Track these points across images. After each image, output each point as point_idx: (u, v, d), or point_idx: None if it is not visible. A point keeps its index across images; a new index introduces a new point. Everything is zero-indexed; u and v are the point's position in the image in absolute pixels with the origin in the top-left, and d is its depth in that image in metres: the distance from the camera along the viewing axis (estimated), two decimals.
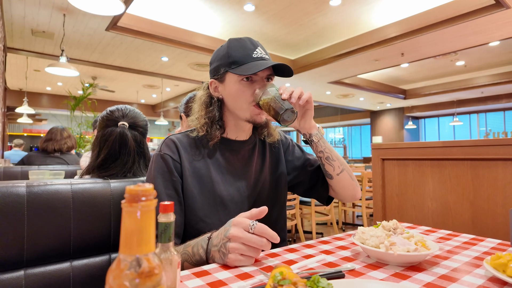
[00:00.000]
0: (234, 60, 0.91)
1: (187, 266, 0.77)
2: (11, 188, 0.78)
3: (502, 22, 4.68)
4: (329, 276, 0.60)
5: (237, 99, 0.93)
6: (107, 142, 1.12)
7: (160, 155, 0.92)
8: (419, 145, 1.68)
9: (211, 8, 4.75)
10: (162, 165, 0.90)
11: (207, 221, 0.90)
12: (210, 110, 0.97)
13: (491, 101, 10.53)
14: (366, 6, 4.65)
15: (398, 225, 0.78)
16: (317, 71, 7.15)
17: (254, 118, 0.94)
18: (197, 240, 0.76)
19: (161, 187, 0.88)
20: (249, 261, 0.67)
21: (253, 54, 0.92)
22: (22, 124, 12.31)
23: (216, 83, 0.98)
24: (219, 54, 0.96)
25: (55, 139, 2.85)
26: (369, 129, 14.38)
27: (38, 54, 6.17)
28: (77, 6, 3.06)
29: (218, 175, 0.95)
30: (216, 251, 0.69)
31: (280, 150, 1.11)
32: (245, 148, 1.02)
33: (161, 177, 0.89)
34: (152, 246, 0.32)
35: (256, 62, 0.90)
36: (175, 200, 0.88)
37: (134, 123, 1.18)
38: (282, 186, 1.07)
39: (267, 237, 0.67)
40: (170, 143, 0.94)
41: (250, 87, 0.91)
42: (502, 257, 0.58)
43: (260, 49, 0.94)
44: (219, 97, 0.98)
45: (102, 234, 0.91)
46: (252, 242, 0.66)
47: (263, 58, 0.93)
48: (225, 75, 0.94)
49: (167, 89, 9.96)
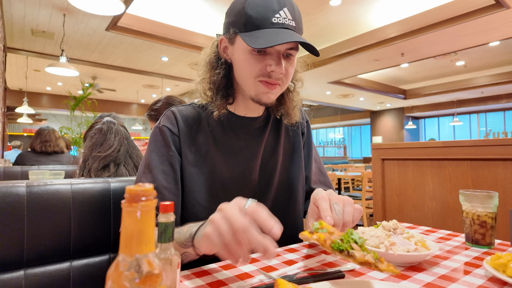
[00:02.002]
0: (247, 21, 0.73)
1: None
2: (11, 188, 0.78)
3: (502, 22, 4.68)
4: (329, 276, 0.60)
5: (242, 71, 0.78)
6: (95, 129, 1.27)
7: (158, 127, 0.82)
8: (419, 145, 1.68)
9: (211, 8, 4.75)
10: (159, 138, 0.81)
11: (205, 205, 0.80)
12: (215, 73, 0.82)
13: (491, 101, 10.53)
14: (366, 6, 4.65)
15: (398, 225, 0.78)
16: (317, 71, 7.15)
17: (259, 97, 0.78)
18: (199, 223, 0.60)
19: (156, 162, 0.78)
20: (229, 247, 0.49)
21: (273, 18, 0.72)
22: (22, 124, 12.30)
23: (226, 42, 0.82)
24: (235, 8, 0.77)
25: (50, 139, 2.85)
26: (369, 129, 14.38)
27: (38, 54, 6.17)
28: (77, 6, 3.06)
29: (220, 154, 0.83)
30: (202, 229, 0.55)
31: (298, 135, 0.96)
32: (255, 125, 0.88)
33: (156, 151, 0.80)
34: (152, 246, 0.32)
35: (274, 30, 0.71)
36: (171, 177, 0.79)
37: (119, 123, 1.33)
38: (299, 171, 0.93)
39: (259, 220, 0.49)
40: (170, 115, 0.84)
41: (260, 60, 0.75)
42: (502, 257, 0.58)
43: (285, 11, 0.73)
44: (228, 60, 0.83)
45: (102, 234, 0.91)
46: (234, 219, 0.48)
47: (285, 25, 0.72)
48: (235, 37, 0.78)
49: (167, 89, 9.96)
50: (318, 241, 0.49)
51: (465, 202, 0.83)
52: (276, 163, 0.90)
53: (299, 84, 0.93)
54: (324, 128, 17.44)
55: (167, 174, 0.78)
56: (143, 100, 12.01)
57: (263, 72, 0.76)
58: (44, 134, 2.85)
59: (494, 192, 0.81)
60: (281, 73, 0.75)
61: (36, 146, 2.82)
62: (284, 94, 0.89)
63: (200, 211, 0.80)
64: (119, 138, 1.26)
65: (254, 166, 0.86)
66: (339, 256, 0.50)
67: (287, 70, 0.77)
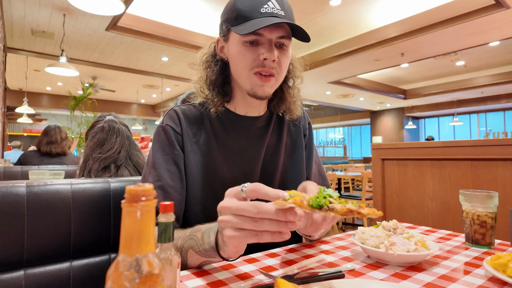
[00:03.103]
0: (238, 14, 0.75)
1: (192, 255, 0.63)
2: (11, 188, 0.78)
3: (502, 22, 4.68)
4: (329, 276, 0.60)
5: (237, 63, 0.79)
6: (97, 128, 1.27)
7: (161, 126, 0.83)
8: (419, 145, 1.68)
9: (211, 8, 4.75)
10: (163, 138, 0.81)
11: (206, 205, 0.80)
12: (211, 71, 0.84)
13: (491, 101, 10.54)
14: (366, 6, 4.65)
15: (398, 225, 0.78)
16: (317, 71, 7.15)
17: (255, 91, 0.78)
18: (210, 225, 0.62)
19: (161, 161, 0.78)
20: (250, 237, 0.50)
21: (262, 8, 0.73)
22: (22, 124, 12.31)
23: (222, 42, 0.84)
24: (227, 6, 0.80)
25: (56, 141, 2.83)
26: (369, 129, 14.39)
27: (38, 54, 6.18)
28: (77, 6, 3.07)
29: (222, 154, 0.83)
30: (220, 239, 0.56)
31: (300, 130, 0.96)
32: (256, 125, 0.88)
33: (161, 150, 0.80)
34: (152, 246, 0.32)
35: (261, 19, 0.72)
36: (176, 176, 0.79)
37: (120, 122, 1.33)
38: (300, 171, 0.93)
39: (262, 196, 0.50)
40: (173, 114, 0.84)
41: (253, 51, 0.76)
42: (502, 257, 0.58)
43: (274, 2, 0.74)
44: (224, 59, 0.84)
45: (102, 234, 0.91)
46: (243, 210, 0.50)
47: (274, 14, 0.73)
48: (229, 34, 0.80)
49: (167, 89, 9.97)
50: (295, 203, 0.46)
51: (465, 202, 0.83)
52: (277, 163, 0.90)
53: (299, 80, 0.94)
54: (324, 128, 17.44)
55: (172, 172, 0.78)
56: (143, 100, 12.02)
57: (257, 63, 0.76)
58: (50, 134, 2.84)
59: (494, 192, 0.81)
60: (274, 60, 0.75)
61: (42, 147, 2.82)
62: (284, 90, 0.89)
63: (200, 210, 0.80)
64: (120, 139, 1.26)
65: (256, 166, 0.86)
66: (320, 213, 0.48)
67: (280, 59, 0.78)
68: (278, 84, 0.83)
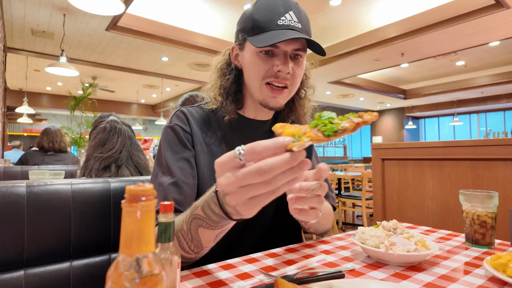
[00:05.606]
0: (254, 25, 0.76)
1: (203, 233, 0.57)
2: (11, 188, 0.78)
3: (502, 22, 4.68)
4: (329, 276, 0.60)
5: (250, 73, 0.80)
6: (99, 128, 1.28)
7: (169, 126, 0.82)
8: (419, 145, 1.68)
9: (211, 8, 4.75)
10: (172, 137, 0.80)
11: None
12: (225, 79, 0.85)
13: (491, 101, 10.54)
14: (366, 6, 4.65)
15: (398, 225, 0.78)
16: (317, 71, 7.11)
17: (267, 102, 0.79)
18: (202, 200, 0.57)
19: (171, 159, 0.77)
20: (268, 198, 0.44)
21: (279, 20, 0.74)
22: (22, 124, 12.30)
23: (237, 50, 0.85)
24: (244, 15, 0.81)
25: (57, 137, 3.02)
26: (369, 129, 14.38)
27: (38, 54, 6.18)
28: (77, 6, 3.07)
29: None
30: (229, 208, 0.51)
31: None
32: (264, 128, 0.89)
33: (170, 149, 0.79)
34: (152, 246, 0.32)
35: (279, 31, 0.73)
36: (188, 173, 0.77)
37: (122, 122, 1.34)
38: None
39: (264, 151, 0.42)
40: (181, 115, 0.84)
41: (267, 62, 0.76)
42: (502, 257, 0.58)
43: (291, 14, 0.75)
44: (238, 66, 0.85)
45: (102, 234, 0.91)
46: (250, 178, 0.41)
47: (291, 26, 0.74)
48: (245, 43, 0.81)
49: (167, 89, 9.97)
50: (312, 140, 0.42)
51: (465, 202, 0.83)
52: None
53: (311, 91, 0.94)
54: None
55: (184, 169, 0.78)
56: (143, 100, 12.01)
57: (270, 73, 0.77)
58: (50, 132, 3.04)
59: (494, 192, 0.81)
60: (288, 72, 0.76)
61: (45, 144, 2.98)
62: (295, 101, 0.89)
63: None
64: (121, 139, 1.26)
65: None
66: (335, 138, 0.44)
67: (295, 71, 0.78)
68: (291, 95, 0.83)
